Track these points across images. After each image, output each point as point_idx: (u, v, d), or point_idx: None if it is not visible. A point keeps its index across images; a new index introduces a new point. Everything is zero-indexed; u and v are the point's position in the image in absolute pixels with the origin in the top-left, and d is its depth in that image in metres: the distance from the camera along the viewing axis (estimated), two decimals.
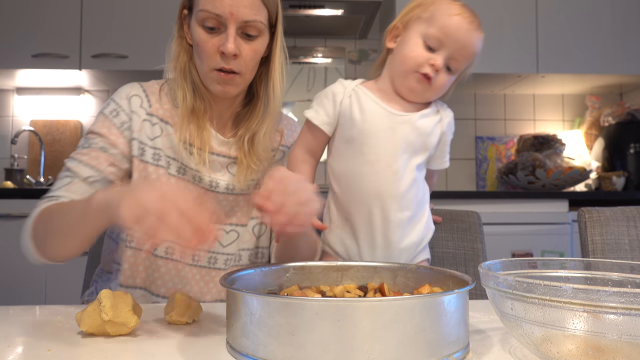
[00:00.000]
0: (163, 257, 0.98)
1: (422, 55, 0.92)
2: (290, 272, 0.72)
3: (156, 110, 1.01)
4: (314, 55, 2.92)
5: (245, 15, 0.90)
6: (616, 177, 2.49)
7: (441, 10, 0.92)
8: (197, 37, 0.92)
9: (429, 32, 0.91)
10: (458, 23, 0.91)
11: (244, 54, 0.93)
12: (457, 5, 0.93)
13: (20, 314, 0.74)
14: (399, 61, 0.96)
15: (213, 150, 1.01)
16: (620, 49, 2.49)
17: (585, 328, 0.46)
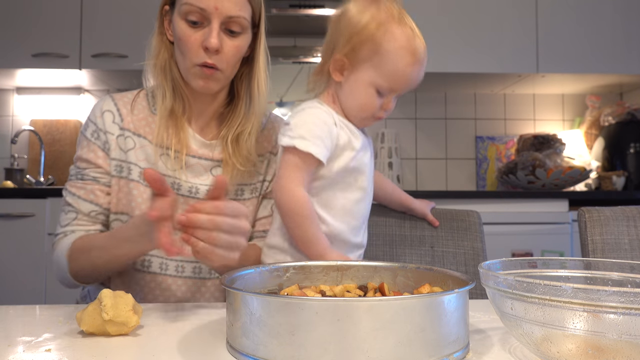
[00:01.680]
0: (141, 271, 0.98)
1: (377, 104, 0.93)
2: (290, 272, 0.72)
3: (128, 124, 1.00)
4: (314, 55, 2.92)
5: (230, 11, 0.89)
6: (616, 177, 2.49)
7: (394, 59, 0.89)
8: (179, 31, 0.91)
9: (382, 84, 0.91)
10: (412, 72, 0.91)
11: (226, 50, 0.92)
12: (411, 49, 0.90)
13: (20, 314, 0.74)
14: (355, 106, 0.94)
15: (193, 152, 1.00)
16: (620, 48, 2.49)
17: (585, 328, 0.46)
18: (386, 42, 0.89)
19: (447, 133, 2.93)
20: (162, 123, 0.97)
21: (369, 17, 0.90)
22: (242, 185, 1.03)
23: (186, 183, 0.98)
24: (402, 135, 2.89)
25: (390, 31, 0.90)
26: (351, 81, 0.93)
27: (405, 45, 0.90)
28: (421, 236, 1.20)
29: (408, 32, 0.92)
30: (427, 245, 1.20)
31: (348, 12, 0.93)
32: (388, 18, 0.91)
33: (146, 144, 0.99)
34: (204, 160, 1.00)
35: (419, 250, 1.20)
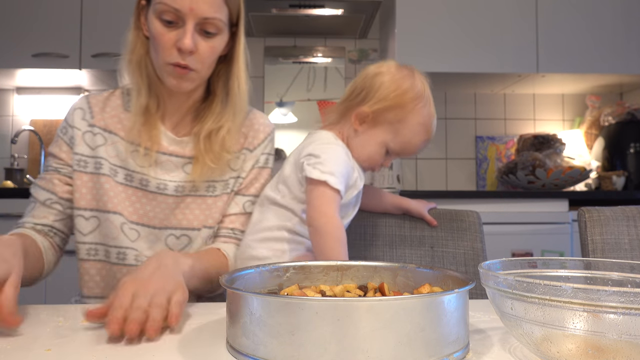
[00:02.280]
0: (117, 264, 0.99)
1: (381, 160, 1.03)
2: (290, 272, 0.72)
3: (98, 121, 1.01)
4: (314, 55, 2.92)
5: (205, 12, 0.89)
6: (616, 177, 2.49)
7: (412, 131, 1.00)
8: (153, 29, 0.91)
9: (393, 148, 1.01)
10: (421, 146, 1.03)
11: (201, 51, 0.91)
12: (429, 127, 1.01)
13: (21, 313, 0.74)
14: (362, 156, 1.03)
15: (163, 149, 1.00)
16: (621, 48, 2.49)
17: (585, 328, 0.46)
18: (412, 115, 0.99)
19: (447, 133, 2.93)
20: (136, 120, 0.97)
21: (408, 87, 0.99)
22: (213, 182, 1.02)
23: (155, 180, 0.99)
24: None
25: (419, 107, 0.99)
26: (368, 134, 1.01)
27: (425, 122, 1.00)
28: (421, 236, 1.20)
29: (431, 112, 1.02)
30: (427, 246, 1.20)
31: (389, 73, 1.01)
32: (420, 94, 0.99)
33: (117, 140, 1.00)
34: (175, 157, 1.00)
35: (419, 251, 1.20)
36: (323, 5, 2.49)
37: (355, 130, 1.02)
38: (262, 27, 2.77)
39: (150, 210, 0.99)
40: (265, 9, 2.52)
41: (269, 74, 2.90)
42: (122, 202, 0.98)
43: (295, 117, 2.90)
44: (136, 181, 0.99)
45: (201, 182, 1.00)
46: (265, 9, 2.52)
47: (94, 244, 0.99)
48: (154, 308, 0.62)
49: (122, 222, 0.98)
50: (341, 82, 2.93)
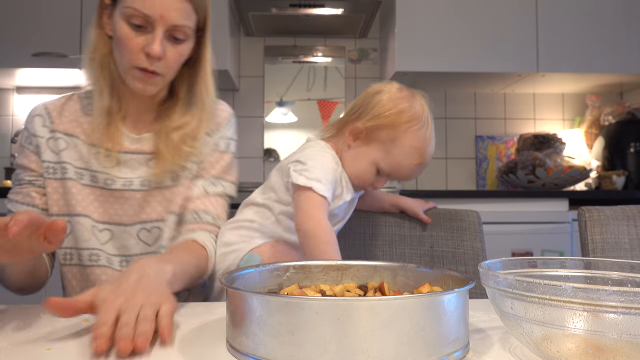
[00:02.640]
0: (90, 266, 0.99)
1: (371, 180, 1.02)
2: (290, 271, 0.72)
3: (58, 126, 1.00)
4: (314, 55, 2.92)
5: (175, 20, 0.89)
6: (616, 176, 2.49)
7: (403, 153, 0.98)
8: (120, 32, 0.90)
9: (383, 168, 1.00)
10: (413, 170, 1.01)
11: (169, 57, 0.91)
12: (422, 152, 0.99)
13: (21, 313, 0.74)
14: (352, 172, 1.02)
15: (125, 149, 0.99)
16: (621, 48, 2.49)
17: (585, 327, 0.46)
18: (405, 136, 0.97)
19: (447, 132, 2.93)
20: (98, 122, 0.97)
21: (404, 107, 0.98)
22: (176, 173, 1.01)
23: (120, 178, 0.99)
24: None
25: (414, 129, 0.97)
26: (360, 150, 1.01)
27: (419, 146, 0.98)
28: (421, 236, 1.20)
29: (427, 135, 0.99)
30: (427, 245, 1.20)
31: (388, 92, 1.00)
32: (417, 116, 0.98)
33: (79, 143, 0.99)
34: (137, 155, 1.00)
35: (419, 250, 1.20)
36: (323, 4, 2.49)
37: (349, 146, 1.02)
38: (262, 26, 2.77)
39: (119, 208, 1.00)
40: (265, 8, 2.52)
41: (269, 73, 2.90)
42: (90, 205, 0.98)
43: (295, 117, 2.90)
44: (101, 182, 0.99)
45: (164, 175, 0.99)
46: (265, 8, 2.52)
47: (68, 248, 1.00)
48: (142, 323, 0.58)
49: (91, 225, 0.98)
50: (341, 82, 2.92)
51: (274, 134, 2.91)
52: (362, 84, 2.94)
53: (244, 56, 2.92)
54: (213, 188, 1.04)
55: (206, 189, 1.03)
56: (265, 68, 2.90)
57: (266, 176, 2.88)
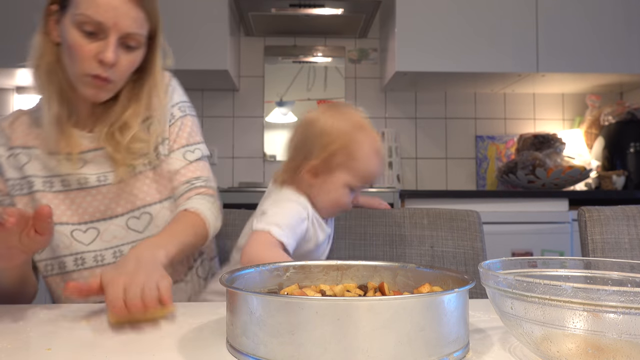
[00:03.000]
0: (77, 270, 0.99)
1: (349, 199, 1.03)
2: (290, 271, 0.72)
3: (15, 142, 1.00)
4: (314, 55, 2.92)
5: (129, 28, 0.89)
6: (616, 176, 2.49)
7: (365, 162, 1.00)
8: (71, 39, 0.88)
9: (355, 184, 1.01)
10: (379, 170, 1.05)
11: (122, 64, 0.91)
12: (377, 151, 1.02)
13: (21, 313, 0.74)
14: (329, 204, 1.03)
15: (86, 148, 0.99)
16: (621, 48, 2.49)
17: (585, 327, 0.46)
18: (358, 149, 0.99)
19: (447, 132, 2.93)
20: (50, 131, 0.96)
21: (341, 127, 0.99)
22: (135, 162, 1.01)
23: (92, 175, 0.99)
24: (402, 135, 2.90)
25: (360, 139, 0.99)
26: (327, 183, 1.01)
27: (372, 149, 1.01)
28: (421, 236, 1.20)
29: (373, 136, 1.02)
30: (427, 245, 1.20)
31: (318, 122, 1.01)
32: (357, 127, 1.00)
33: (39, 153, 0.99)
34: (101, 150, 0.99)
35: (419, 250, 1.20)
36: (323, 4, 2.49)
37: (310, 185, 1.02)
38: (262, 26, 2.77)
39: (100, 204, 0.99)
40: (265, 8, 2.52)
41: (269, 73, 2.90)
42: (67, 210, 0.98)
43: (295, 117, 2.90)
44: (75, 183, 0.98)
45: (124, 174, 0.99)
46: (265, 8, 2.52)
47: (47, 259, 1.00)
48: (148, 291, 0.68)
49: (71, 230, 0.98)
50: (341, 82, 2.92)
51: (274, 134, 2.91)
52: (362, 84, 2.94)
53: (244, 56, 2.92)
54: (191, 155, 1.05)
55: (186, 158, 1.04)
56: (265, 68, 2.90)
57: (266, 176, 2.89)
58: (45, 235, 0.72)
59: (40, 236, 0.72)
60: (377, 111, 2.92)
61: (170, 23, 2.47)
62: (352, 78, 2.95)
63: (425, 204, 2.23)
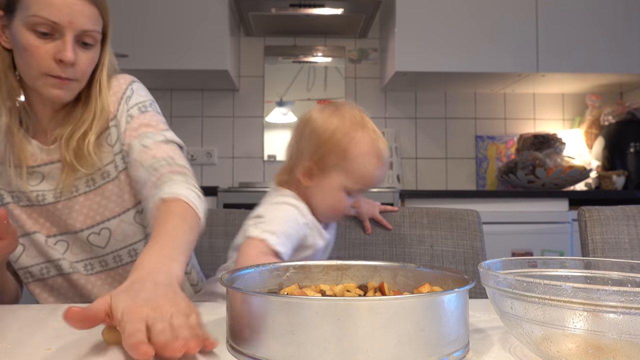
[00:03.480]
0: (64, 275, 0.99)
1: (347, 204, 0.99)
2: (290, 271, 0.72)
3: None
4: (314, 55, 2.92)
5: (84, 25, 0.87)
6: (616, 176, 2.49)
7: (361, 163, 0.94)
8: (25, 42, 0.86)
9: (351, 186, 0.96)
10: (377, 173, 0.97)
11: (82, 62, 0.90)
12: (376, 152, 0.95)
13: (21, 313, 0.74)
14: (326, 208, 0.99)
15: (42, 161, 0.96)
16: (621, 48, 2.49)
17: (585, 327, 0.46)
18: (353, 149, 0.94)
19: (447, 132, 2.93)
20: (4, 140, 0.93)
21: (335, 126, 0.95)
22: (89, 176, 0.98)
23: (49, 192, 0.97)
24: (402, 135, 2.89)
25: (356, 138, 0.94)
26: (322, 186, 0.97)
27: (370, 150, 0.95)
28: (421, 235, 1.20)
29: (371, 136, 0.96)
30: (427, 245, 1.20)
31: (313, 121, 0.97)
32: (352, 125, 0.95)
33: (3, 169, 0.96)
34: (57, 163, 0.97)
35: (419, 250, 1.20)
36: (323, 4, 2.49)
37: (308, 187, 0.98)
38: (262, 26, 2.77)
39: (59, 219, 0.98)
40: (265, 8, 2.52)
41: (269, 73, 2.90)
42: (34, 224, 0.98)
43: (295, 117, 2.90)
44: (34, 200, 0.97)
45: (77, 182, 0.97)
46: (265, 8, 2.52)
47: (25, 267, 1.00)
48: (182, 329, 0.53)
49: (44, 239, 0.98)
50: (341, 82, 2.92)
51: (274, 134, 2.91)
52: (362, 84, 2.94)
53: (244, 56, 2.92)
54: (148, 140, 0.95)
55: (143, 144, 0.94)
56: (265, 68, 2.90)
57: (266, 176, 2.89)
58: (7, 239, 0.70)
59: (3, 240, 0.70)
60: (377, 111, 2.92)
61: (170, 23, 2.48)
62: (352, 78, 2.95)
63: (425, 203, 2.23)
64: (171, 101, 2.86)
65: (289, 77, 2.90)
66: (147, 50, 2.42)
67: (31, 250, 0.99)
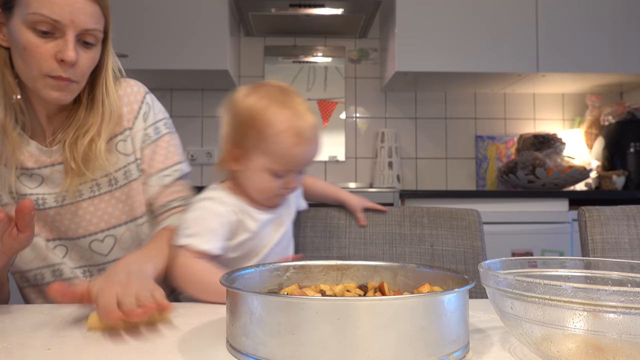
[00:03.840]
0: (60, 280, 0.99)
1: (275, 185, 0.94)
2: (290, 271, 0.72)
3: None
4: (314, 55, 2.92)
5: (86, 24, 0.85)
6: (616, 176, 2.49)
7: (278, 142, 0.89)
8: (25, 40, 0.83)
9: (275, 168, 0.92)
10: (301, 152, 0.91)
11: (82, 62, 0.88)
12: (294, 130, 0.89)
13: (21, 313, 0.74)
14: (255, 191, 0.96)
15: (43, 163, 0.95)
16: (621, 48, 2.49)
17: (585, 327, 0.46)
18: (267, 127, 0.89)
19: (447, 132, 2.93)
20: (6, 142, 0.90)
21: (250, 104, 0.91)
22: (95, 181, 0.97)
23: (50, 195, 0.95)
24: (402, 135, 2.90)
25: (269, 117, 0.89)
26: (248, 169, 0.94)
27: (287, 127, 0.89)
28: (421, 235, 1.20)
29: (288, 114, 0.90)
30: (427, 244, 1.20)
31: (233, 103, 0.94)
32: (268, 104, 0.90)
33: None
34: (59, 165, 0.95)
35: (419, 249, 1.20)
36: (323, 4, 2.49)
37: (237, 171, 0.96)
38: (262, 26, 2.77)
39: (60, 224, 0.97)
40: (265, 8, 2.52)
41: (269, 73, 2.90)
42: (37, 224, 0.96)
43: None
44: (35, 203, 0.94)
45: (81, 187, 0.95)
46: (265, 8, 2.52)
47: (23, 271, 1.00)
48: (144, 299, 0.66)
49: (44, 244, 0.98)
50: (341, 82, 2.92)
51: None
52: (362, 84, 2.94)
53: (244, 56, 2.92)
54: (168, 179, 1.02)
55: (163, 184, 1.01)
56: (265, 68, 2.90)
57: None
58: (27, 232, 0.72)
59: (23, 234, 0.71)
60: (377, 111, 2.93)
61: (171, 23, 2.48)
62: (352, 78, 2.94)
63: (425, 203, 2.23)
64: (171, 101, 2.86)
65: (289, 77, 2.90)
66: (147, 50, 2.41)
67: (28, 254, 0.97)
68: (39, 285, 1.00)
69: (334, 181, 2.88)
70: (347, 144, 2.91)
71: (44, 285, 1.00)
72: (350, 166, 2.91)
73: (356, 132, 2.92)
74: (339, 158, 2.89)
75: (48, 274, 0.99)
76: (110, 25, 0.93)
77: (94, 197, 0.97)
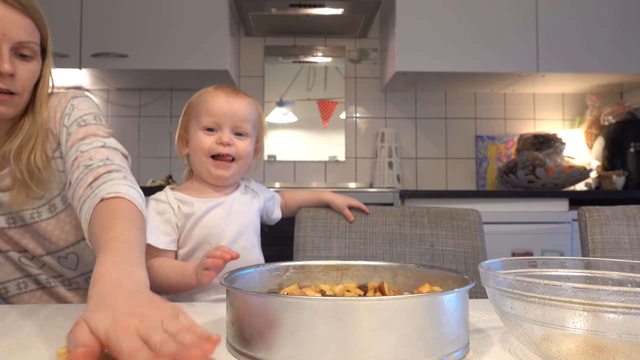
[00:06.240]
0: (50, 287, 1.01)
1: (209, 140, 1.04)
2: (290, 271, 0.72)
3: None
4: (314, 55, 2.92)
5: (20, 37, 0.87)
6: (616, 176, 2.49)
7: (202, 100, 1.05)
8: None
9: (203, 121, 1.04)
10: (217, 99, 1.05)
11: (21, 74, 0.88)
12: (213, 88, 1.07)
13: (21, 313, 0.74)
14: (196, 157, 1.05)
15: None
16: (621, 48, 2.49)
17: (585, 327, 0.46)
18: (198, 99, 1.07)
19: (447, 132, 2.93)
20: None
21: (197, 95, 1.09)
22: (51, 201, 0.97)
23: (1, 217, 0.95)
24: (402, 135, 2.89)
25: (204, 93, 1.07)
26: (191, 143, 1.07)
27: (210, 89, 1.07)
28: (421, 234, 1.20)
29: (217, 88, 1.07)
30: (427, 244, 1.20)
31: None
32: (207, 89, 1.08)
33: None
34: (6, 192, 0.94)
35: (419, 249, 1.20)
36: (323, 4, 2.49)
37: (189, 156, 1.09)
38: (262, 26, 2.77)
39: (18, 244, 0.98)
40: (265, 8, 2.52)
41: (269, 73, 2.90)
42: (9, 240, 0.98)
43: (295, 117, 2.90)
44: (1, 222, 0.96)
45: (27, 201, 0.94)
46: (265, 8, 2.52)
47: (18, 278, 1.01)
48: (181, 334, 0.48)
49: (17, 256, 1.00)
50: (341, 82, 2.92)
51: (274, 134, 2.91)
52: (362, 84, 2.94)
53: (244, 56, 2.92)
54: (86, 146, 0.91)
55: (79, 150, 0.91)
56: (265, 68, 2.90)
57: (266, 176, 2.89)
58: None
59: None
60: (377, 111, 2.93)
61: (170, 23, 2.48)
62: (352, 78, 2.94)
63: (425, 203, 2.22)
64: (171, 101, 2.86)
65: (289, 77, 2.90)
66: (147, 50, 2.41)
67: (7, 266, 1.00)
68: (20, 294, 1.03)
69: (334, 181, 2.88)
70: (347, 144, 2.91)
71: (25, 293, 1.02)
72: (350, 166, 2.91)
73: (356, 132, 2.92)
74: (339, 158, 2.89)
75: (31, 283, 1.02)
76: (48, 39, 0.95)
77: (51, 218, 0.98)
